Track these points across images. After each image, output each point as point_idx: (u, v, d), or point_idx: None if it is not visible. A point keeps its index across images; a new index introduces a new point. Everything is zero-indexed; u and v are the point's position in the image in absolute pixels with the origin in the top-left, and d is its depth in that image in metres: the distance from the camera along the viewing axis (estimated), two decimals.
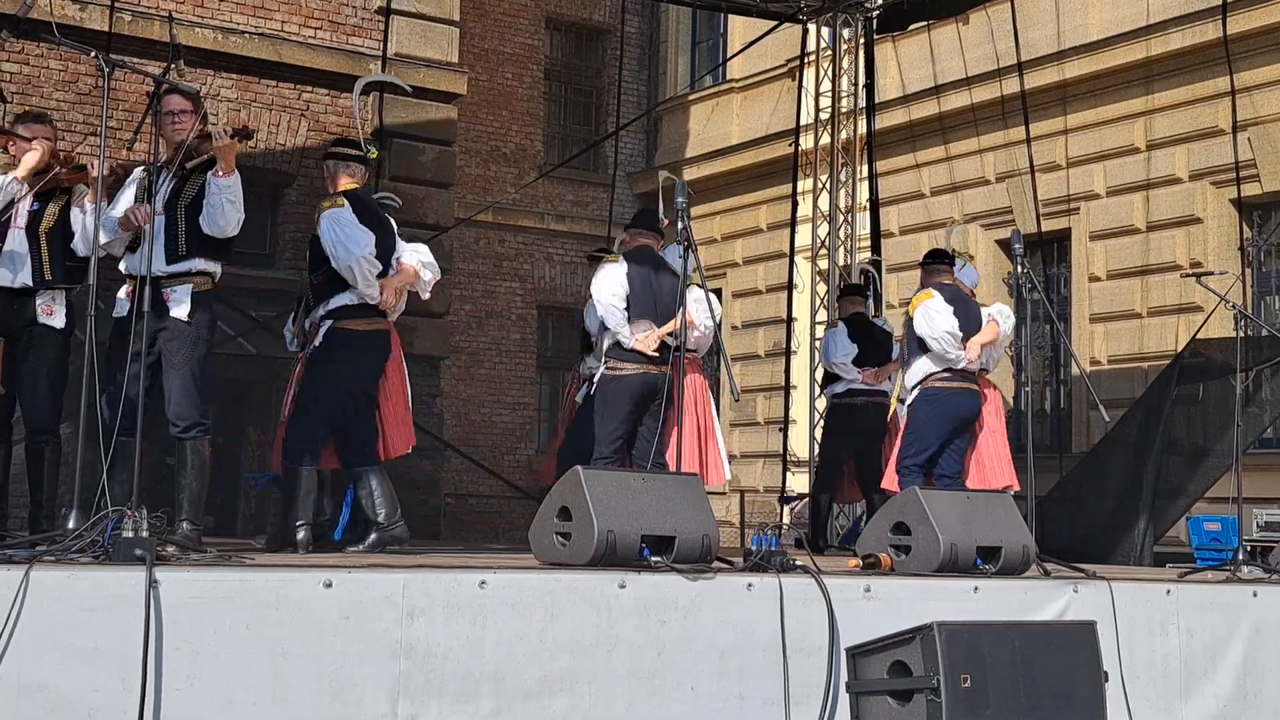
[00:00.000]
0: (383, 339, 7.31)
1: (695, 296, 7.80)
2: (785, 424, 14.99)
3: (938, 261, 9.31)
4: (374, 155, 7.52)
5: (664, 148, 19.78)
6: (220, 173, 6.37)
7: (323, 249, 7.07)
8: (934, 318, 8.93)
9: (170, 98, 6.45)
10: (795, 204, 15.23)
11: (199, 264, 6.48)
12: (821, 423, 12.32)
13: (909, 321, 9.20)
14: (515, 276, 18.18)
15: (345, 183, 7.27)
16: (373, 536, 7.08)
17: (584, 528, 5.57)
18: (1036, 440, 12.40)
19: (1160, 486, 10.33)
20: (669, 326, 7.85)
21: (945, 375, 8.97)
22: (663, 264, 8.22)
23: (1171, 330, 13.26)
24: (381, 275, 7.17)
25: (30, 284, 6.63)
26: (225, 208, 6.38)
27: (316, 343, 7.17)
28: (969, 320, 8.99)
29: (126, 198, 6.59)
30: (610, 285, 8.04)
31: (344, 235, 7.01)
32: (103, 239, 6.15)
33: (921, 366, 9.05)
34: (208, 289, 6.53)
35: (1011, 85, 13.56)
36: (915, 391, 9.07)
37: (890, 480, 9.24)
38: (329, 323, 7.14)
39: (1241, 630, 7.03)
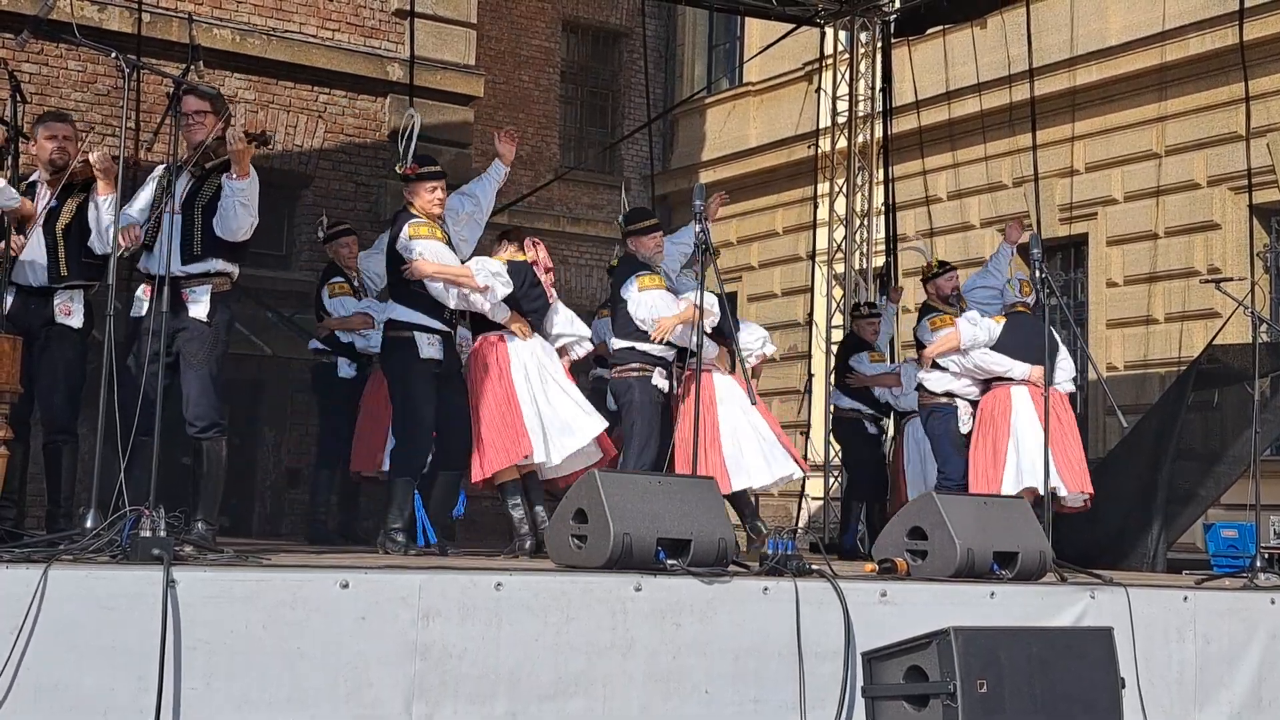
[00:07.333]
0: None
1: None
2: (807, 429, 14.97)
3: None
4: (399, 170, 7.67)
5: (680, 150, 19.77)
6: (234, 175, 6.31)
7: None
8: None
9: (187, 99, 6.42)
10: (816, 206, 15.21)
11: (217, 264, 6.43)
12: None
13: None
14: None
15: None
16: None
17: (600, 530, 5.58)
18: None
19: (1173, 492, 10.28)
20: None
21: None
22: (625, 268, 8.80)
23: (1189, 336, 13.22)
24: None
25: (46, 282, 6.61)
26: (237, 211, 6.32)
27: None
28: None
29: (145, 195, 6.55)
30: None
31: None
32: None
33: None
34: (226, 290, 6.49)
35: (1028, 90, 13.53)
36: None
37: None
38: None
39: (1258, 637, 7.01)
